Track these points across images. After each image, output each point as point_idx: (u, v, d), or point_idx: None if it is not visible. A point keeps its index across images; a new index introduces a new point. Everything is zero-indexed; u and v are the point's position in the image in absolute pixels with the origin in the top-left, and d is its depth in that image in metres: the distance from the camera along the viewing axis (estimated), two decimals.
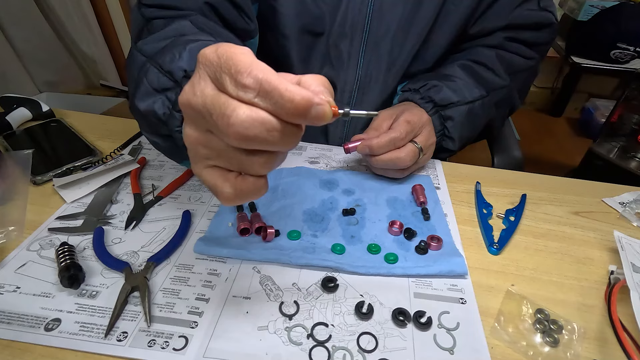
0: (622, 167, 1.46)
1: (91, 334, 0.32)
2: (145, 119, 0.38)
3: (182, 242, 0.41)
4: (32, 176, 0.49)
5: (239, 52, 0.23)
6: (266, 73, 0.22)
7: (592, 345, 0.34)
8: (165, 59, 0.36)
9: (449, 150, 0.58)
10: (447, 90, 0.54)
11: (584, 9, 1.96)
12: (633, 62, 1.89)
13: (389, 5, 0.53)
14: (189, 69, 0.35)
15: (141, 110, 0.37)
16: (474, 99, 0.55)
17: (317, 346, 0.32)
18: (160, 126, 0.37)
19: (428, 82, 0.55)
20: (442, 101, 0.54)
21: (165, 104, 0.36)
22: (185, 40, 0.38)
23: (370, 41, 0.56)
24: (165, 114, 0.36)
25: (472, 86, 0.55)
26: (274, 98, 0.22)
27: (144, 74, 0.37)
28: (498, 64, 0.56)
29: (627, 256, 0.40)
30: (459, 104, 0.54)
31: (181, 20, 0.43)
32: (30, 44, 1.28)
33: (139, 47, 0.41)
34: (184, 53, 0.36)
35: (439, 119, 0.54)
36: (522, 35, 0.57)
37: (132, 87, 0.40)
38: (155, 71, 0.37)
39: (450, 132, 0.55)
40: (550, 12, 0.57)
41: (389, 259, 0.40)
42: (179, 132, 0.35)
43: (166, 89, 0.36)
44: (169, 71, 0.36)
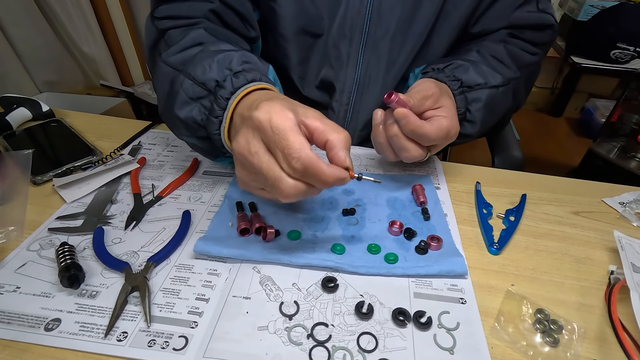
0: (622, 167, 1.46)
1: (91, 334, 0.32)
2: (185, 124, 0.43)
3: (182, 242, 0.41)
4: (32, 176, 0.49)
5: (289, 129, 0.31)
6: (310, 159, 0.31)
7: (592, 345, 0.34)
8: (197, 71, 0.42)
9: (466, 136, 0.55)
10: (473, 72, 0.52)
11: (584, 9, 1.96)
12: (633, 62, 1.89)
13: (387, 6, 0.53)
14: (220, 78, 0.41)
15: (181, 118, 0.43)
16: (497, 84, 0.53)
17: (317, 346, 0.32)
18: (199, 129, 0.43)
19: (453, 62, 0.52)
20: (469, 81, 0.51)
21: (202, 111, 0.42)
22: (211, 51, 0.43)
23: (369, 42, 0.56)
24: (203, 119, 0.42)
25: (494, 72, 0.53)
26: (313, 179, 0.32)
27: (180, 86, 0.43)
28: (507, 56, 0.55)
29: (627, 256, 0.40)
30: (485, 87, 0.52)
31: (196, 30, 0.47)
32: (30, 44, 1.28)
33: (164, 59, 0.46)
34: (213, 65, 0.42)
35: (464, 101, 0.51)
36: (524, 34, 0.57)
37: (163, 96, 0.47)
38: (189, 82, 0.42)
39: (473, 115, 0.52)
40: (549, 14, 0.57)
41: (389, 259, 0.40)
42: (217, 134, 0.41)
43: (201, 97, 0.42)
44: (202, 82, 0.41)
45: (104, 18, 1.53)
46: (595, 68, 1.92)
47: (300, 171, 0.31)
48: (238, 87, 0.39)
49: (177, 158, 0.56)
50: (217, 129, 0.40)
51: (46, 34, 1.32)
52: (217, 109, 0.40)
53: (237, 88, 0.39)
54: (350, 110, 0.61)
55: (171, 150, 0.58)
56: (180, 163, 0.55)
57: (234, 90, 0.39)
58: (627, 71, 1.87)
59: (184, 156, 0.56)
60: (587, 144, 1.60)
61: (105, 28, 1.54)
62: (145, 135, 0.61)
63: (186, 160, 0.55)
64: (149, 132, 0.62)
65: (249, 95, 0.39)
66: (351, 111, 0.61)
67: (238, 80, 0.40)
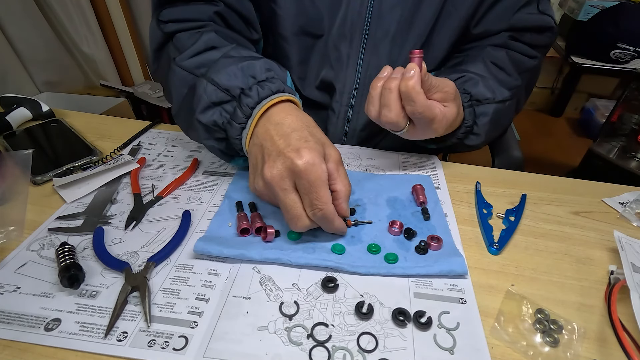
0: (622, 167, 1.46)
1: (91, 334, 0.32)
2: (205, 127, 0.45)
3: (182, 242, 0.41)
4: (32, 176, 0.49)
5: (322, 184, 0.37)
6: (331, 213, 0.38)
7: (592, 345, 0.34)
8: (221, 78, 0.44)
9: (470, 147, 0.56)
10: (482, 86, 0.53)
11: (584, 9, 1.96)
12: (633, 62, 1.89)
13: (388, 7, 0.53)
14: (245, 86, 0.43)
15: (203, 122, 0.45)
16: (504, 99, 0.54)
17: (317, 346, 0.32)
18: (218, 132, 0.45)
19: (465, 74, 0.54)
20: (479, 95, 0.53)
21: (224, 115, 0.44)
22: (234, 58, 0.46)
23: (369, 43, 0.56)
24: (224, 122, 0.44)
25: (500, 86, 0.54)
26: (324, 225, 0.39)
27: (204, 91, 0.44)
28: (510, 64, 0.56)
29: (627, 256, 0.40)
30: (492, 102, 0.53)
31: (207, 33, 0.49)
32: (30, 44, 1.28)
33: (179, 63, 0.47)
34: (238, 72, 0.44)
35: (472, 114, 0.53)
36: (524, 37, 0.57)
37: (179, 99, 0.49)
38: (213, 88, 0.44)
39: (479, 128, 0.54)
40: (549, 16, 0.57)
41: (389, 259, 0.40)
42: (238, 139, 0.43)
43: (223, 102, 0.44)
44: (226, 88, 0.43)
45: (104, 18, 1.53)
46: (595, 68, 1.92)
47: (318, 218, 0.38)
48: (264, 98, 0.42)
49: (177, 158, 0.56)
50: (239, 134, 0.43)
51: (46, 34, 1.32)
52: (241, 115, 0.42)
53: (262, 98, 0.42)
54: (350, 111, 0.61)
55: (171, 150, 0.58)
56: (180, 163, 0.55)
57: (259, 100, 0.42)
58: (627, 71, 1.87)
59: (184, 156, 0.56)
60: (587, 144, 1.60)
61: (105, 28, 1.54)
62: (145, 135, 0.61)
63: (186, 160, 0.55)
64: (149, 132, 0.62)
65: (277, 105, 0.42)
66: (351, 112, 0.61)
67: (264, 90, 0.42)
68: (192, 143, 0.60)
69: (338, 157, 0.40)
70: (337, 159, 0.40)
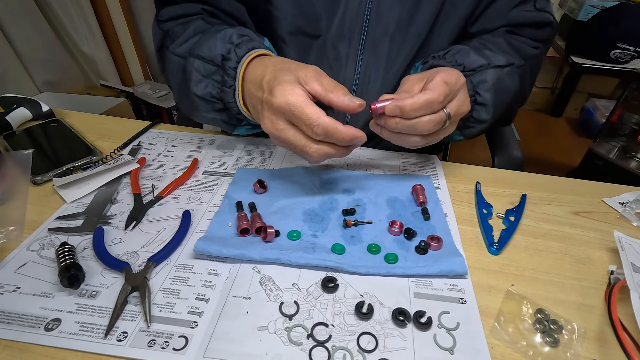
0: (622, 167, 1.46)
1: (91, 334, 0.32)
2: (203, 100, 0.49)
3: (182, 242, 0.41)
4: (32, 176, 0.49)
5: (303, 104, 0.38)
6: (327, 124, 0.38)
7: (592, 345, 0.34)
8: (204, 51, 0.48)
9: (481, 122, 0.52)
10: (474, 55, 0.50)
11: (584, 9, 1.96)
12: (633, 62, 1.89)
13: (386, 6, 0.53)
14: (224, 52, 0.47)
15: (199, 95, 0.49)
16: (501, 64, 0.51)
17: (317, 346, 0.32)
18: (216, 103, 0.49)
19: (452, 48, 0.52)
20: (472, 64, 0.50)
21: (215, 85, 0.48)
22: (212, 32, 0.49)
23: (368, 42, 0.55)
24: (218, 92, 0.48)
25: (496, 54, 0.52)
26: (334, 139, 0.40)
27: (192, 66, 0.48)
28: (509, 47, 0.55)
29: (627, 256, 0.40)
30: (488, 67, 0.50)
31: (195, 21, 0.54)
32: (30, 44, 1.28)
33: (172, 50, 0.52)
34: (217, 42, 0.47)
35: (470, 84, 0.49)
36: (523, 32, 0.57)
37: (177, 84, 0.53)
38: (199, 62, 0.48)
39: (482, 97, 0.50)
40: (547, 13, 0.57)
41: (389, 259, 0.40)
42: (233, 103, 0.47)
43: (212, 73, 0.48)
44: (210, 59, 0.47)
45: (104, 18, 1.53)
46: (595, 68, 1.92)
47: (322, 134, 0.39)
48: (242, 56, 0.46)
49: (177, 158, 0.56)
50: (233, 97, 0.47)
51: (46, 34, 1.32)
52: (228, 79, 0.47)
53: (241, 57, 0.46)
54: None
55: (171, 150, 0.58)
56: (180, 163, 0.55)
57: (239, 59, 0.46)
58: (627, 71, 1.87)
59: (184, 156, 0.56)
60: (587, 144, 1.60)
61: (105, 28, 1.54)
62: (145, 135, 0.61)
63: (186, 160, 0.55)
64: (149, 132, 0.62)
65: (252, 61, 0.46)
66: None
67: (241, 50, 0.46)
68: (192, 143, 0.60)
69: (314, 74, 0.41)
70: (314, 75, 0.40)
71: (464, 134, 0.55)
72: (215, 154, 0.57)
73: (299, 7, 0.54)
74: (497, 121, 0.56)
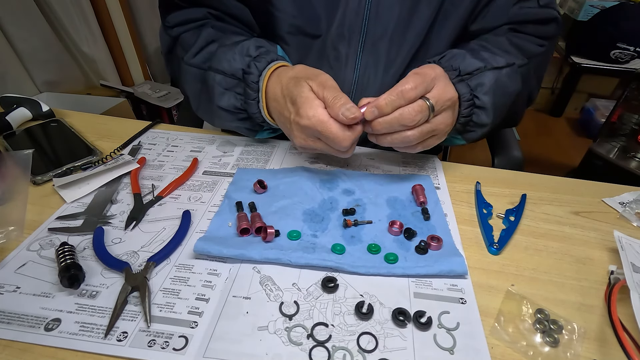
0: (622, 167, 1.46)
1: (91, 334, 0.32)
2: (227, 112, 0.53)
3: (182, 242, 0.41)
4: (32, 176, 0.49)
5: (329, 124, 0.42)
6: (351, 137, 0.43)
7: (592, 345, 0.34)
8: (224, 66, 0.51)
9: (482, 125, 0.51)
10: (471, 58, 0.49)
11: (584, 9, 1.96)
12: (633, 62, 1.89)
13: (386, 6, 0.53)
14: (244, 66, 0.50)
15: (224, 107, 0.52)
16: (500, 65, 0.50)
17: (317, 346, 0.32)
18: (239, 113, 0.53)
19: (448, 52, 0.51)
20: (468, 67, 0.48)
21: (238, 98, 0.51)
22: (228, 45, 0.52)
23: (367, 43, 0.55)
24: (242, 104, 0.51)
25: (495, 55, 0.51)
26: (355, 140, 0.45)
27: (214, 81, 0.51)
28: (511, 47, 0.54)
29: (627, 256, 0.40)
30: (485, 70, 0.49)
31: (205, 29, 0.55)
32: (30, 44, 1.28)
33: (188, 61, 0.55)
34: (236, 56, 0.50)
35: (467, 87, 0.48)
36: (527, 29, 0.56)
37: (196, 94, 0.56)
38: (221, 76, 0.51)
39: (481, 100, 0.49)
40: (551, 8, 0.56)
41: (389, 259, 0.40)
42: (257, 113, 0.51)
43: (234, 86, 0.51)
44: (231, 73, 0.50)
45: (104, 18, 1.53)
46: (595, 68, 1.92)
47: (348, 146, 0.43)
48: (262, 69, 0.49)
49: (177, 158, 0.56)
50: (257, 109, 0.50)
51: (46, 34, 1.32)
52: (251, 92, 0.49)
53: (261, 70, 0.49)
54: None
55: (171, 150, 0.58)
56: (180, 163, 0.55)
57: (260, 73, 0.49)
58: (627, 71, 1.87)
59: (184, 156, 0.56)
60: (587, 144, 1.60)
61: (105, 28, 1.54)
62: (145, 135, 0.61)
63: (186, 160, 0.55)
64: (149, 132, 0.62)
65: (272, 75, 0.48)
66: None
67: (260, 63, 0.49)
68: (192, 143, 0.60)
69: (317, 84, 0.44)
70: (317, 84, 0.44)
71: (465, 138, 0.54)
72: (215, 154, 0.57)
73: (299, 7, 0.54)
74: (501, 123, 0.56)
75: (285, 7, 0.54)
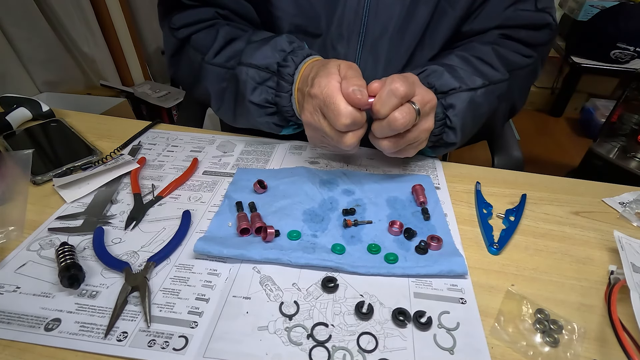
0: (622, 167, 1.46)
1: (91, 334, 0.32)
2: (258, 106, 0.52)
3: (182, 242, 0.41)
4: (32, 176, 0.49)
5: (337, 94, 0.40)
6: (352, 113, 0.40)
7: (592, 345, 0.34)
8: (258, 59, 0.50)
9: (450, 144, 0.53)
10: (448, 76, 0.50)
11: (584, 9, 1.96)
12: (633, 62, 1.89)
13: (385, 6, 0.53)
14: (279, 60, 0.49)
15: (256, 102, 0.51)
16: (475, 86, 0.51)
17: (317, 346, 0.32)
18: (269, 107, 0.52)
19: (428, 68, 0.51)
20: (443, 87, 0.50)
21: (270, 91, 0.51)
22: (258, 42, 0.52)
23: (366, 42, 0.55)
24: (273, 97, 0.51)
25: (473, 74, 0.51)
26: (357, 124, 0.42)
27: (247, 75, 0.50)
28: (495, 58, 0.54)
29: (627, 256, 0.40)
30: (461, 90, 0.50)
31: (222, 28, 0.55)
32: (30, 44, 1.28)
33: (209, 61, 0.54)
34: (268, 51, 0.50)
35: (441, 107, 0.50)
36: (518, 34, 0.56)
37: (218, 94, 0.56)
38: (254, 70, 0.50)
39: (452, 121, 0.50)
40: (547, 13, 0.55)
41: (389, 259, 0.40)
42: (288, 106, 0.50)
43: (265, 80, 0.50)
44: (265, 67, 0.50)
45: (104, 18, 1.53)
46: (595, 68, 1.92)
47: (351, 124, 0.41)
48: (299, 63, 0.49)
49: (177, 158, 0.56)
50: (289, 102, 0.50)
51: (46, 34, 1.32)
52: (285, 84, 0.49)
53: (297, 64, 0.49)
54: None
55: (171, 150, 0.58)
56: (180, 163, 0.55)
57: (296, 66, 0.48)
58: (627, 71, 1.87)
59: (184, 156, 0.56)
60: (587, 144, 1.60)
61: (105, 28, 1.54)
62: (145, 135, 0.61)
63: (186, 160, 0.55)
64: (149, 132, 0.62)
65: (306, 67, 0.48)
66: None
67: (297, 57, 0.49)
68: (192, 143, 0.60)
69: (347, 63, 0.44)
70: (347, 63, 0.44)
71: (435, 152, 0.57)
72: (215, 154, 0.57)
73: (299, 7, 0.54)
74: (475, 137, 0.58)
75: (285, 7, 0.54)
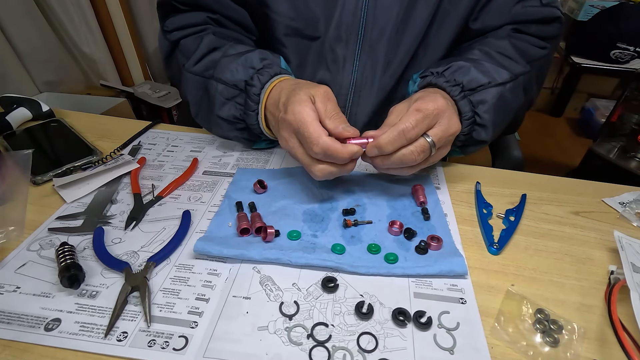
0: (622, 167, 1.45)
1: (91, 334, 0.32)
2: (226, 121, 0.53)
3: (182, 242, 0.41)
4: (32, 176, 0.49)
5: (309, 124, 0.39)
6: (327, 143, 0.39)
7: (592, 345, 0.34)
8: (227, 76, 0.50)
9: (480, 142, 0.51)
10: (475, 72, 0.48)
11: (584, 9, 1.96)
12: (633, 62, 1.89)
13: (383, 7, 0.53)
14: (247, 78, 0.49)
15: (223, 117, 0.52)
16: (504, 80, 0.49)
17: (317, 346, 0.32)
18: (238, 123, 0.52)
19: (453, 64, 0.49)
20: (471, 83, 0.48)
21: (238, 107, 0.51)
22: (232, 55, 0.52)
23: (365, 44, 0.55)
24: (241, 114, 0.51)
25: (499, 68, 0.50)
26: (332, 158, 0.40)
27: (216, 91, 0.51)
28: (514, 51, 0.53)
29: (627, 256, 0.40)
30: (489, 86, 0.48)
31: (207, 36, 0.55)
32: (30, 44, 1.28)
33: (189, 69, 0.54)
34: (239, 67, 0.50)
35: (469, 105, 0.48)
36: (529, 29, 0.55)
37: (196, 101, 0.56)
38: (223, 86, 0.51)
39: (482, 118, 0.48)
40: (554, 7, 0.55)
41: (389, 259, 0.40)
42: (255, 124, 0.50)
43: (234, 96, 0.51)
44: (234, 84, 0.50)
45: (104, 18, 1.53)
46: (595, 68, 1.92)
47: (321, 154, 0.40)
48: (265, 82, 0.48)
49: (177, 158, 0.56)
50: (256, 120, 0.50)
51: (46, 34, 1.32)
52: (251, 104, 0.49)
53: (263, 84, 0.48)
54: (348, 113, 0.61)
55: (171, 150, 0.58)
56: (180, 163, 0.55)
57: (262, 86, 0.48)
58: (627, 71, 1.87)
59: (184, 156, 0.56)
60: (587, 144, 1.60)
61: (105, 28, 1.54)
62: (145, 135, 0.61)
63: (186, 160, 0.55)
64: (149, 132, 0.62)
65: (274, 87, 0.48)
66: (348, 113, 0.61)
67: (263, 77, 0.48)
68: (192, 143, 0.60)
69: (322, 94, 0.42)
70: (322, 95, 0.42)
71: (464, 152, 0.54)
72: (215, 154, 0.57)
73: (296, 10, 0.54)
74: (500, 133, 0.56)
75: (282, 10, 0.54)
